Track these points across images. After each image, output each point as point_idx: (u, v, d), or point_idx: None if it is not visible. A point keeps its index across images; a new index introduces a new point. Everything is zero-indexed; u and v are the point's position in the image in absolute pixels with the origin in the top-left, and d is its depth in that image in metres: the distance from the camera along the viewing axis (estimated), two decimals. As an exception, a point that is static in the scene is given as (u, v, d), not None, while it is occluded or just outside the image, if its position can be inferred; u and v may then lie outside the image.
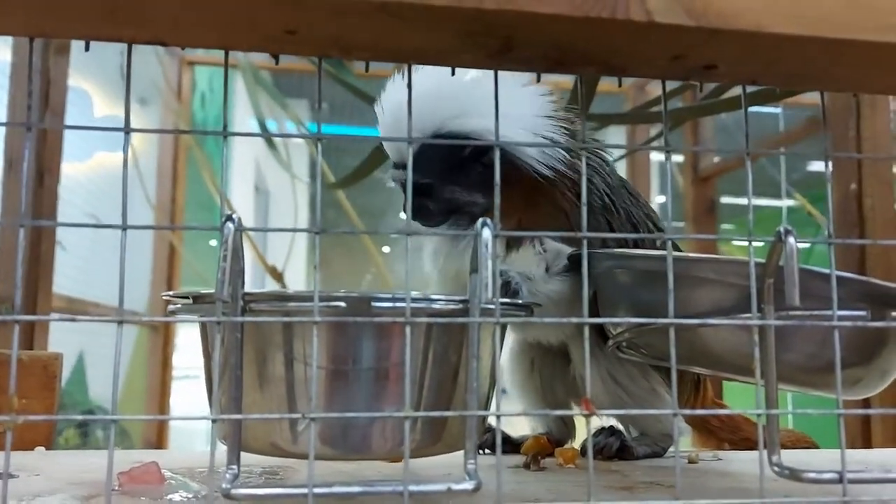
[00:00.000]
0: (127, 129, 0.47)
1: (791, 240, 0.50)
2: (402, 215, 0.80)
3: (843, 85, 0.56)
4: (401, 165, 0.80)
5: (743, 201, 5.62)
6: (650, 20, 0.45)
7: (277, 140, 3.00)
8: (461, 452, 0.51)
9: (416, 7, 0.44)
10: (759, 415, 0.49)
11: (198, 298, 0.63)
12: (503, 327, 0.72)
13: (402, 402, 0.55)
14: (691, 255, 0.66)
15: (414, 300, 0.52)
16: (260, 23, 0.46)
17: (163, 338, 3.32)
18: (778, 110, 3.67)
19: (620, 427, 0.84)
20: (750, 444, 0.94)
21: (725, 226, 5.15)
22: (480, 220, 0.48)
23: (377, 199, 4.44)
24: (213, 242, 4.90)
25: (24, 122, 0.46)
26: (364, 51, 0.50)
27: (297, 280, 4.19)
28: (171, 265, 3.34)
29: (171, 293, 0.61)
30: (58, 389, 1.03)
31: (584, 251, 0.49)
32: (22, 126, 0.46)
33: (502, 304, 0.53)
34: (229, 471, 0.48)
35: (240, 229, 0.47)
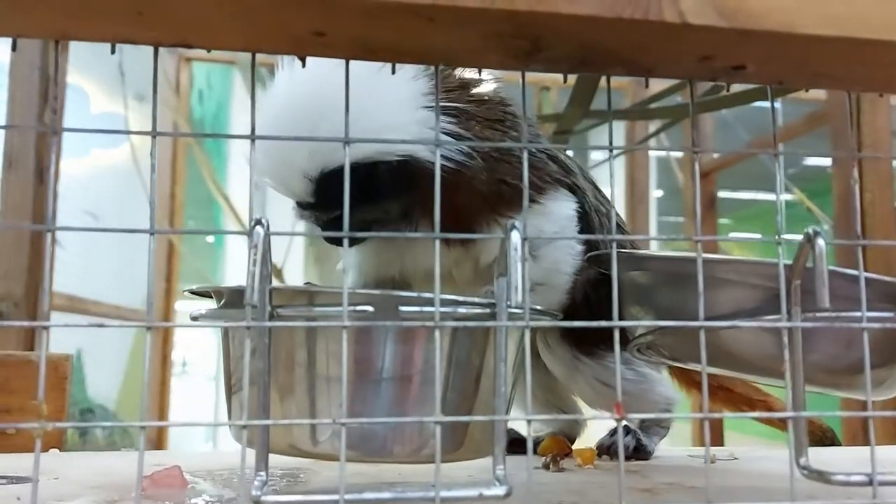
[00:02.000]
0: (154, 133, 0.46)
1: (821, 241, 0.50)
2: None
3: (872, 85, 0.55)
4: (305, 204, 0.74)
5: (741, 196, 5.63)
6: (683, 21, 0.44)
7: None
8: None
9: (446, 8, 0.44)
10: (787, 419, 0.49)
11: (218, 296, 0.63)
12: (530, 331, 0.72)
13: (424, 405, 0.54)
14: (714, 256, 0.65)
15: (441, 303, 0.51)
16: (288, 25, 0.45)
17: (162, 335, 3.32)
18: (777, 104, 3.67)
19: (632, 426, 0.84)
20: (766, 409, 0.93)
21: (723, 220, 5.16)
22: (509, 223, 0.48)
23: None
24: (211, 239, 4.85)
25: (32, 125, 0.45)
26: (391, 52, 0.50)
27: (296, 276, 4.18)
28: (170, 262, 3.34)
29: (193, 289, 0.60)
30: (67, 390, 1.02)
31: (614, 255, 0.49)
32: (44, 129, 0.45)
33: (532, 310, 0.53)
34: (258, 477, 0.47)
35: (270, 234, 0.46)
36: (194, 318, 0.58)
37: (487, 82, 0.78)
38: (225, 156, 4.31)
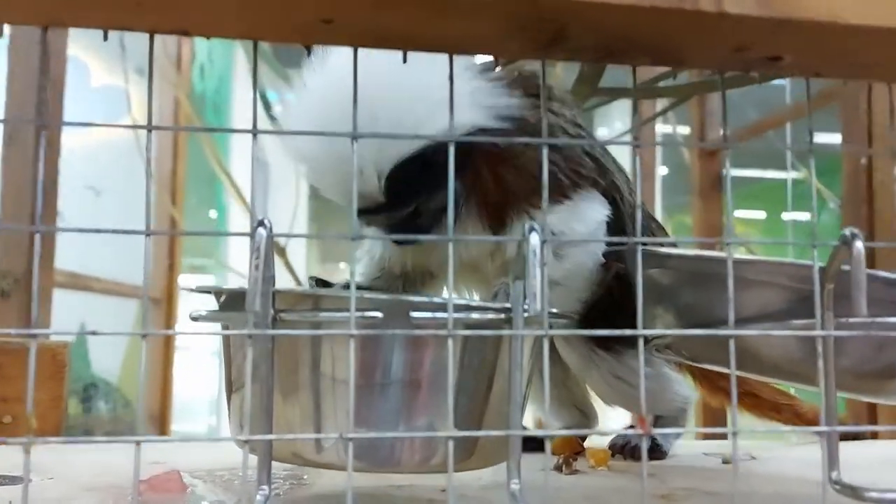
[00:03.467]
0: (150, 127, 0.43)
1: (858, 244, 0.47)
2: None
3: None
4: (372, 208, 0.68)
5: (748, 174, 5.59)
6: (721, 10, 0.41)
7: (277, 111, 2.95)
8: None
9: (465, -5, 0.41)
10: (821, 433, 0.47)
11: (219, 296, 0.60)
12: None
13: (434, 411, 0.52)
14: (740, 256, 0.62)
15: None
16: (293, 11, 0.42)
17: (165, 312, 3.30)
18: (785, 82, 3.61)
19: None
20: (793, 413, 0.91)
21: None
22: (527, 224, 0.45)
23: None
24: (214, 214, 4.84)
25: (32, 119, 0.42)
26: (401, 41, 0.47)
27: (299, 253, 4.16)
28: (172, 238, 3.31)
29: (194, 287, 0.57)
30: (66, 379, 1.00)
31: (639, 259, 0.46)
32: (38, 122, 0.42)
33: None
34: (260, 492, 0.45)
35: (272, 235, 0.43)
36: (194, 319, 0.55)
37: None
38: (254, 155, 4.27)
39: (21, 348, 1.00)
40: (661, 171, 4.66)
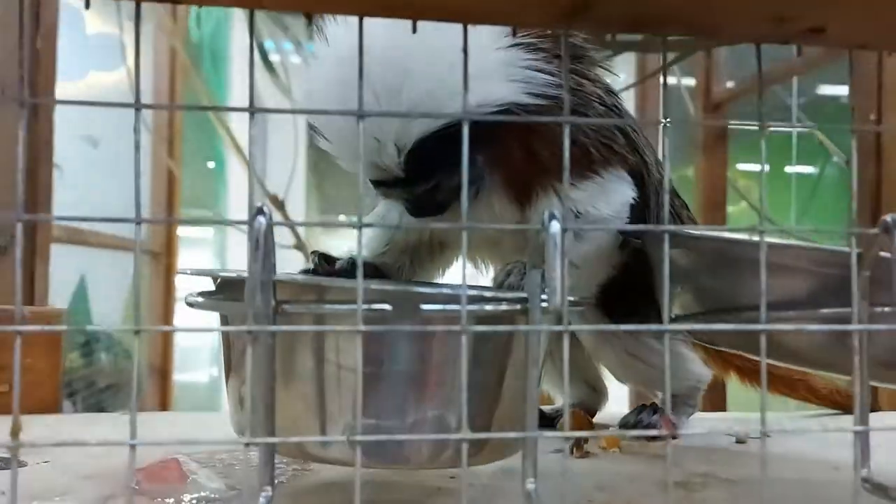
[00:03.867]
0: (138, 106, 0.40)
1: (901, 233, 0.44)
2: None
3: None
4: (390, 181, 0.64)
5: (756, 126, 5.52)
6: (765, -21, 0.37)
7: (276, 63, 2.88)
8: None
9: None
10: (855, 432, 0.44)
11: (217, 282, 0.57)
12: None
13: (444, 405, 0.49)
14: (767, 240, 0.58)
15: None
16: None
17: (165, 264, 3.28)
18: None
19: (660, 403, 0.80)
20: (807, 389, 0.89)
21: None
22: (547, 212, 0.42)
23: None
24: (212, 164, 4.80)
25: (18, 96, 0.39)
26: (410, 9, 0.43)
27: (298, 209, 4.12)
28: (170, 189, 3.27)
29: (188, 270, 0.54)
30: (63, 347, 0.98)
31: (666, 249, 0.43)
32: (14, 100, 0.39)
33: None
34: (263, 495, 0.42)
35: (272, 223, 0.40)
36: (190, 304, 0.52)
37: None
38: (224, 80, 4.20)
39: (14, 315, 0.97)
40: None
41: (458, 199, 0.64)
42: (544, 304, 0.46)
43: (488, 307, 0.46)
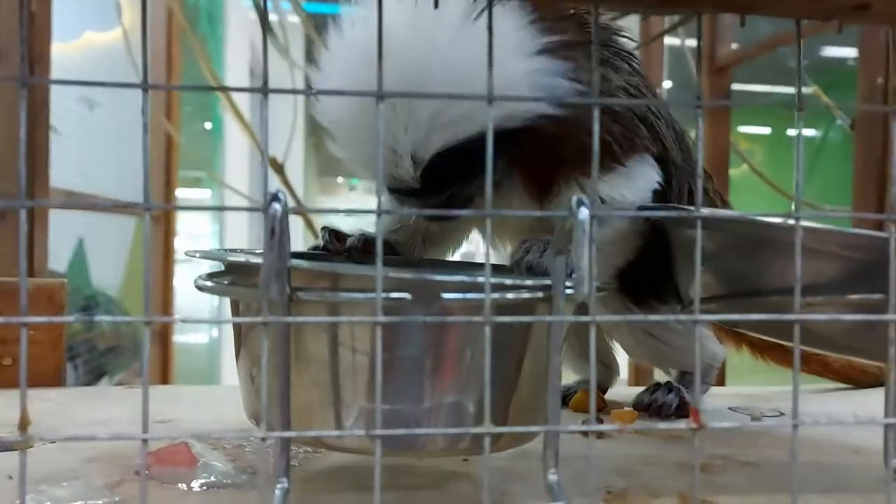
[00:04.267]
0: (145, 86, 0.38)
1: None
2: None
3: None
4: (405, 190, 0.61)
5: (756, 88, 5.45)
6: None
7: (274, 22, 2.83)
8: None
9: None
10: (886, 425, 0.43)
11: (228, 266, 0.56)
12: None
13: (459, 393, 0.48)
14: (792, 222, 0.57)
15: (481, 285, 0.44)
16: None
17: (164, 228, 3.26)
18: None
19: (675, 382, 0.78)
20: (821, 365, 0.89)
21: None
22: (575, 198, 0.40)
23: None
24: (209, 125, 4.75)
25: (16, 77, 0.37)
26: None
27: (297, 171, 4.09)
28: (168, 152, 3.23)
29: (196, 252, 0.53)
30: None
31: (699, 235, 0.41)
32: (10, 81, 0.37)
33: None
34: (278, 486, 0.41)
35: (288, 211, 0.38)
36: (199, 288, 0.50)
37: None
38: (221, 40, 4.13)
39: (16, 287, 0.96)
40: (666, 84, 4.54)
41: (472, 203, 0.63)
42: (569, 291, 0.45)
43: (510, 295, 0.44)
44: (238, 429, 0.63)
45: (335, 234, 0.66)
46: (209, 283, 0.49)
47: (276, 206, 0.38)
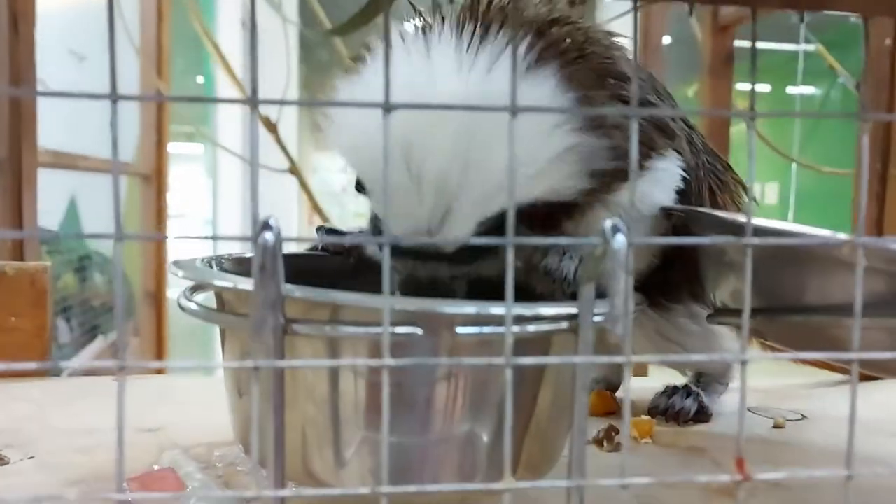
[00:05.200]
0: (114, 97, 0.32)
1: None
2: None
3: None
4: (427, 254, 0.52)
5: (759, 45, 5.38)
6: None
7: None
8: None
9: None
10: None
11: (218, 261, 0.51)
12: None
13: (471, 429, 0.44)
14: (829, 233, 0.52)
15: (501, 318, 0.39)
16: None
17: (156, 187, 3.21)
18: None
19: (693, 386, 0.74)
20: None
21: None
22: (610, 223, 0.35)
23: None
24: (201, 80, 4.66)
25: None
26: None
27: (290, 131, 4.00)
28: (159, 108, 3.16)
29: (180, 271, 0.47)
30: (49, 305, 0.92)
31: (748, 261, 0.36)
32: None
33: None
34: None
35: (281, 240, 0.33)
36: (182, 308, 0.45)
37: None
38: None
39: (1, 270, 0.91)
40: (665, 40, 4.44)
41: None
42: (596, 319, 0.40)
43: (531, 328, 0.40)
44: (230, 441, 0.59)
45: (331, 231, 0.61)
46: (194, 307, 0.44)
47: (268, 236, 0.33)
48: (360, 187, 0.55)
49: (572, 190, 0.53)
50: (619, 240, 0.35)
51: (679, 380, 0.76)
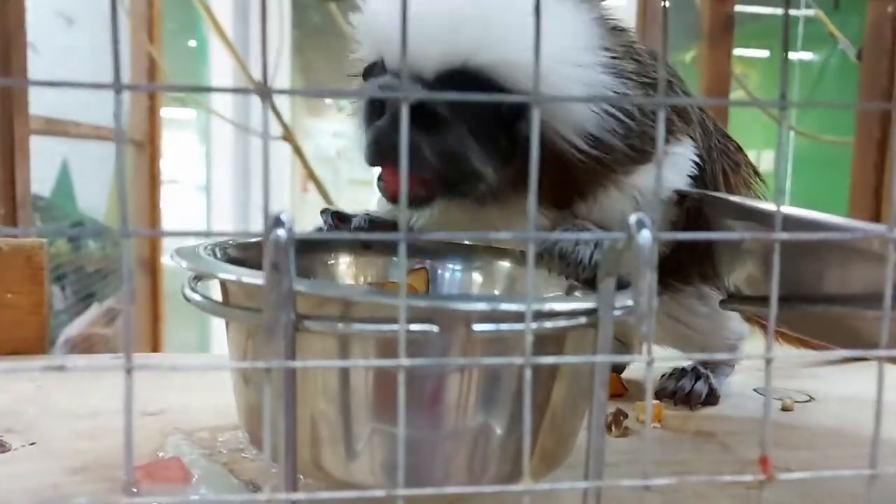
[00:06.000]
0: (117, 87, 0.31)
1: None
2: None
3: None
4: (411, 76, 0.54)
5: (759, 10, 5.30)
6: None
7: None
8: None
9: None
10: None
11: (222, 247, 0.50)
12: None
13: (484, 426, 0.43)
14: (849, 221, 0.50)
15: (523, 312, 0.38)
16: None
17: (149, 155, 3.18)
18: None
19: (702, 368, 0.74)
20: None
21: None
22: (635, 218, 0.34)
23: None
24: (193, 43, 4.60)
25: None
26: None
27: (283, 98, 3.95)
28: (151, 73, 3.11)
29: (182, 260, 0.46)
30: (46, 281, 0.90)
31: (776, 257, 0.35)
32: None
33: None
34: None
35: (294, 236, 0.32)
36: (188, 299, 0.44)
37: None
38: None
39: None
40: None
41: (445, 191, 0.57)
42: (616, 313, 0.39)
43: (548, 324, 0.39)
44: (234, 425, 0.59)
45: (338, 216, 0.60)
46: (199, 298, 0.43)
47: (280, 233, 0.32)
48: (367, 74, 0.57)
49: (583, 129, 0.53)
50: (645, 235, 0.34)
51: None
